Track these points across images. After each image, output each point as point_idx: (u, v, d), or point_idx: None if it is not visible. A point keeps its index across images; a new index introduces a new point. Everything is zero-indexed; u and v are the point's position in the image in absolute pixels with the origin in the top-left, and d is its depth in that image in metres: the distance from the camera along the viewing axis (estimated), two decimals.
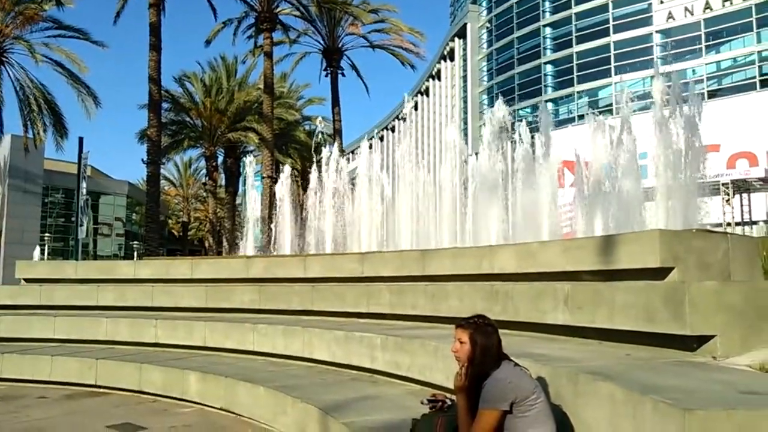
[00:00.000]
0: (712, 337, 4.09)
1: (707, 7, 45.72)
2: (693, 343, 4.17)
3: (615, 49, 50.08)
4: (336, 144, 22.08)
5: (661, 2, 48.18)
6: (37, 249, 34.91)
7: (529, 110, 54.88)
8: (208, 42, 34.85)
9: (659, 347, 4.37)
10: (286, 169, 18.71)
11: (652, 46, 48.32)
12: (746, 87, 41.94)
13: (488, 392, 3.36)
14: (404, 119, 65.60)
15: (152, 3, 26.07)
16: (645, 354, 4.33)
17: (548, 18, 56.20)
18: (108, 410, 7.35)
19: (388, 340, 6.14)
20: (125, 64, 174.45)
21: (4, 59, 31.48)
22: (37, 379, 8.64)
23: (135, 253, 39.70)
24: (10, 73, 31.90)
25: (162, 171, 38.10)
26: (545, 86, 55.26)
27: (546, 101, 53.64)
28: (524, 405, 3.32)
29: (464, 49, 66.78)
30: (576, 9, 53.20)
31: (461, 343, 3.59)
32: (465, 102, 65.11)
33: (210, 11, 32.61)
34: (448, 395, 3.98)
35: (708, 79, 45.71)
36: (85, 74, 31.41)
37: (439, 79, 72.68)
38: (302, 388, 5.96)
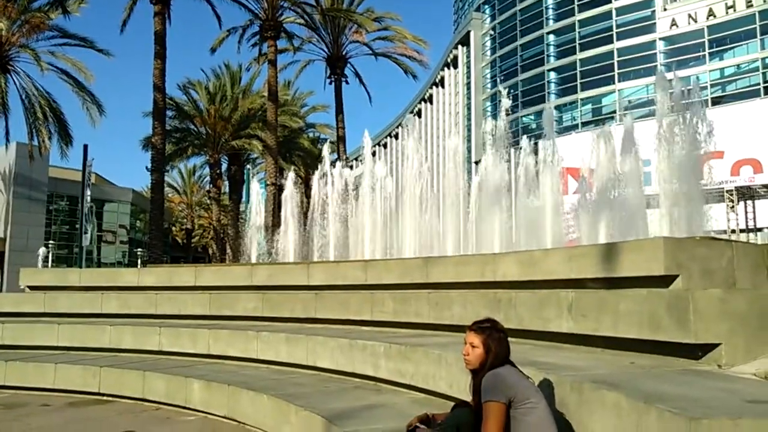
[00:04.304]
0: (716, 345, 4.07)
1: (711, 14, 45.73)
2: (698, 351, 4.15)
3: (618, 57, 50.06)
4: (340, 151, 22.20)
5: (665, 9, 48.21)
6: (42, 249, 34.89)
7: (532, 117, 54.91)
8: (213, 50, 35.10)
9: (664, 355, 4.36)
10: (290, 177, 18.74)
11: (655, 53, 48.32)
12: (750, 94, 41.87)
13: (486, 384, 3.45)
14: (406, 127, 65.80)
15: (157, 12, 26.21)
16: (649, 362, 4.31)
17: (552, 25, 56.26)
18: (111, 418, 7.34)
19: (391, 348, 6.13)
20: (130, 72, 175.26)
21: (9, 67, 31.66)
22: (40, 386, 8.63)
23: (139, 261, 39.75)
24: (16, 81, 32.13)
25: (166, 178, 38.27)
26: (549, 93, 55.25)
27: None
28: (523, 407, 3.35)
29: (468, 57, 66.86)
30: (579, 16, 53.25)
31: (473, 347, 3.62)
32: (469, 109, 65.16)
33: (215, 20, 32.77)
34: (433, 412, 4.03)
35: (712, 86, 45.66)
36: (90, 83, 31.62)
37: (443, 87, 72.74)
38: (306, 397, 5.94)
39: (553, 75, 55.94)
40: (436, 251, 14.53)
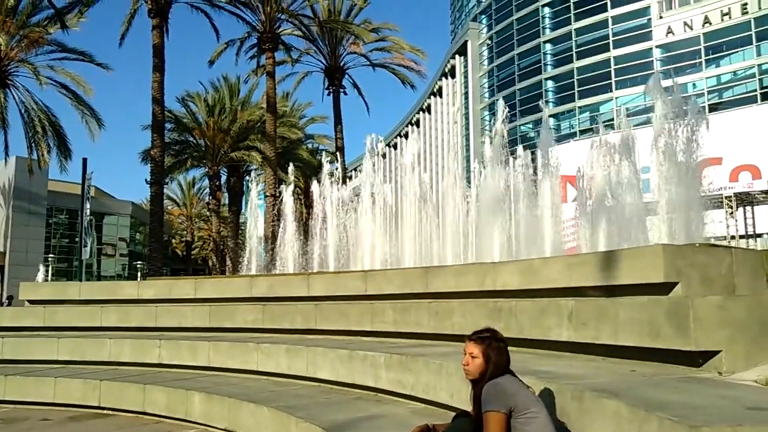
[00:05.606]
0: (717, 352, 4.07)
1: (706, 21, 45.95)
2: (698, 358, 4.14)
3: (615, 65, 50.29)
4: (339, 162, 22.29)
5: (661, 17, 48.46)
6: (41, 272, 34.82)
7: (530, 126, 55.02)
8: (211, 62, 35.21)
9: (664, 363, 4.35)
10: (288, 188, 18.73)
11: (652, 60, 48.50)
12: (747, 100, 41.98)
13: (487, 394, 3.43)
14: (406, 136, 65.89)
15: (155, 25, 26.33)
16: (650, 370, 4.31)
17: (548, 34, 56.52)
18: None
19: (392, 358, 6.11)
20: (129, 84, 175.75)
21: (9, 82, 31.72)
22: (40, 401, 8.60)
23: (139, 273, 39.67)
24: (15, 95, 32.15)
25: (165, 191, 38.27)
26: (546, 102, 55.39)
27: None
28: (523, 417, 3.35)
29: (465, 66, 67.10)
30: (576, 25, 53.52)
31: (473, 357, 3.61)
32: (467, 119, 65.33)
33: (213, 32, 32.84)
34: (434, 422, 4.01)
35: (708, 92, 45.83)
36: (89, 96, 31.64)
37: (441, 96, 72.98)
38: (306, 408, 5.93)
39: (550, 83, 56.16)
40: (436, 261, 14.52)
